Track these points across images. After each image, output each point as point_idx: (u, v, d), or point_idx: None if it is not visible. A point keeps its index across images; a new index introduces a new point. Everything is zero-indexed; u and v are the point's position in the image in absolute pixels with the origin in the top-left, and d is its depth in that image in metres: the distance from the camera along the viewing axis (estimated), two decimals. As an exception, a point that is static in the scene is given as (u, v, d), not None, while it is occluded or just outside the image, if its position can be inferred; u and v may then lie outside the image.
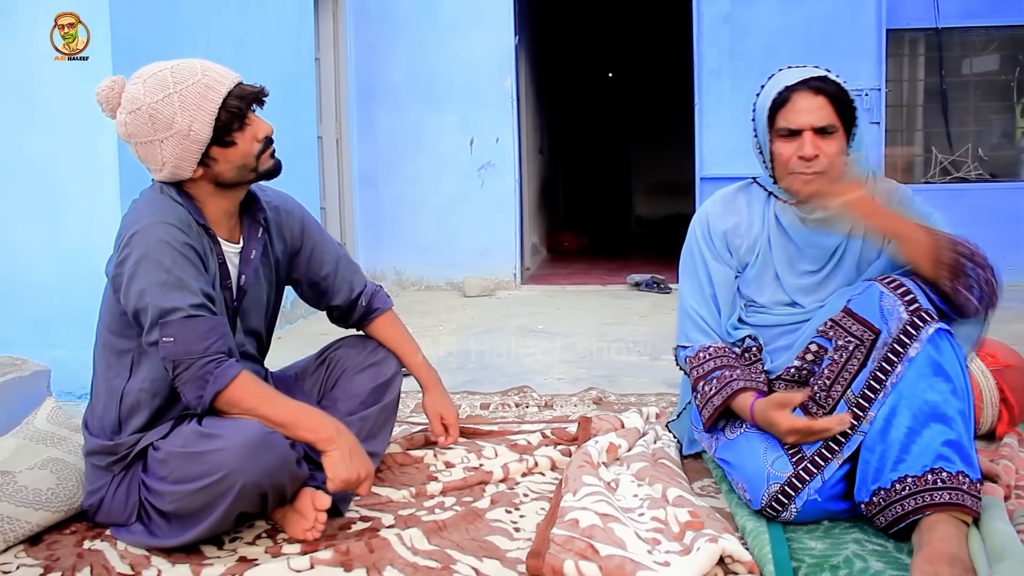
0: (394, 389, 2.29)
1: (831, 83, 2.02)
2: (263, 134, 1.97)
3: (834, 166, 1.99)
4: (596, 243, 10.02)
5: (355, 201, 6.43)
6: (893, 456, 1.81)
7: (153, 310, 1.81)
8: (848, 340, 1.94)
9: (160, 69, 1.91)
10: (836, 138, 2.01)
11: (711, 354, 2.16)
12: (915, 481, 1.78)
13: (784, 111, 2.02)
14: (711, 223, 2.23)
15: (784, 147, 2.04)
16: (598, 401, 3.11)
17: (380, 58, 6.41)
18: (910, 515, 1.77)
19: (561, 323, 4.97)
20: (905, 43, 6.29)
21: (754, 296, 2.18)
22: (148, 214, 1.89)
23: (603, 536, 1.80)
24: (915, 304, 1.86)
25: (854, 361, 1.92)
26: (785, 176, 2.07)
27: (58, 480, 2.02)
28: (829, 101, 2.00)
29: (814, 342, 2.03)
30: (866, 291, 1.95)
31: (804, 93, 2.01)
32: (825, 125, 1.99)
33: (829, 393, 1.95)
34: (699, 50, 6.12)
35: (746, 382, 2.08)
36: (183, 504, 1.80)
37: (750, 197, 2.21)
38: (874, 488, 1.83)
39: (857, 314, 1.94)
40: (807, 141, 1.99)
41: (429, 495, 2.19)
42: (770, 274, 2.16)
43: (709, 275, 2.22)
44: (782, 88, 2.03)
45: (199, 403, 1.82)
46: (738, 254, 2.20)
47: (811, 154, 1.99)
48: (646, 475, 2.17)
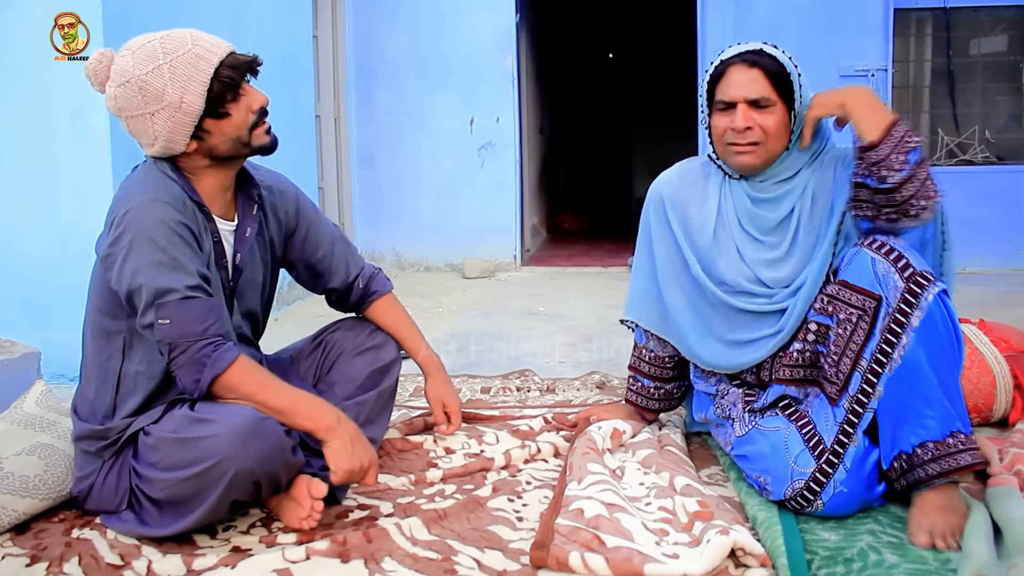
0: (393, 374, 2.22)
1: (767, 56, 2.01)
2: (258, 105, 1.90)
3: (771, 138, 2.00)
4: (596, 224, 9.94)
5: (353, 181, 6.36)
6: (912, 422, 1.80)
7: (148, 291, 1.74)
8: (850, 312, 1.89)
9: (149, 40, 1.83)
10: (773, 112, 2.00)
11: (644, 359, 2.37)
12: (936, 446, 1.79)
13: (721, 84, 2.04)
14: (664, 193, 2.24)
15: (720, 119, 2.06)
16: (601, 385, 3.04)
17: (379, 35, 6.32)
18: (934, 479, 1.79)
19: (562, 305, 4.90)
20: (912, 23, 6.19)
21: (721, 275, 2.13)
22: (141, 191, 1.82)
23: (609, 527, 1.74)
24: (909, 268, 1.81)
25: (860, 332, 1.87)
26: (722, 148, 2.08)
27: (46, 466, 1.95)
28: (764, 74, 2.00)
29: (812, 321, 1.98)
30: (855, 258, 1.90)
31: (738, 66, 2.02)
32: (757, 98, 1.99)
33: (838, 368, 1.90)
34: (703, 28, 6.04)
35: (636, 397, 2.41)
36: (174, 491, 1.73)
37: (707, 171, 2.20)
38: (895, 453, 1.83)
39: (853, 284, 1.89)
40: (739, 113, 2.00)
41: (429, 482, 2.13)
42: (732, 249, 2.12)
43: (652, 250, 2.26)
44: (719, 62, 2.06)
45: (196, 387, 1.75)
46: (690, 229, 2.17)
47: (741, 126, 2.00)
48: (652, 462, 2.11)
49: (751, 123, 2.00)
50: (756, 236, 2.10)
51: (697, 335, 2.17)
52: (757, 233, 2.10)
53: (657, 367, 2.34)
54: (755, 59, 2.00)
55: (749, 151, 2.03)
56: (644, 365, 2.37)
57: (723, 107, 2.04)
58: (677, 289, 2.20)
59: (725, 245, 2.12)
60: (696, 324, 2.17)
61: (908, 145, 1.83)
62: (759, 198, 2.09)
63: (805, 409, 1.99)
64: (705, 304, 2.15)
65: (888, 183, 1.84)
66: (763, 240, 2.09)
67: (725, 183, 2.15)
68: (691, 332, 2.18)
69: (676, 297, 2.20)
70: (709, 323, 2.15)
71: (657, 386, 2.36)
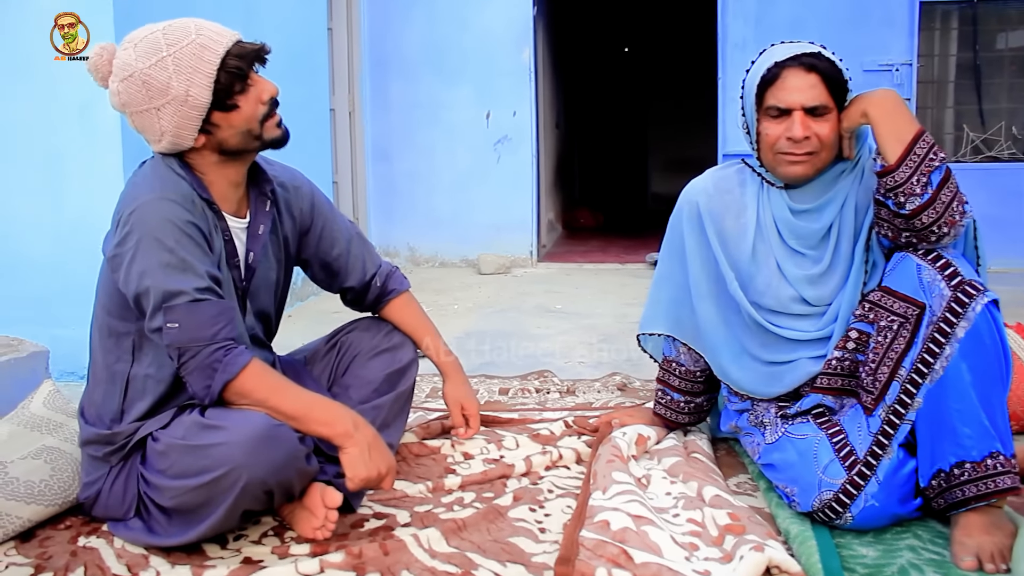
0: (410, 376, 2.15)
1: (825, 60, 1.88)
2: (267, 95, 1.82)
3: (825, 148, 1.88)
4: (612, 220, 9.84)
5: (368, 175, 6.29)
6: (950, 439, 1.70)
7: (156, 294, 1.67)
8: (891, 320, 1.79)
9: (152, 31, 1.76)
10: (828, 119, 1.88)
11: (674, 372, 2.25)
12: (974, 467, 1.68)
13: (773, 89, 1.89)
14: (699, 203, 2.09)
15: (772, 127, 1.91)
16: (622, 387, 2.96)
17: (394, 28, 6.24)
18: (971, 501, 1.68)
19: (580, 303, 4.82)
20: (937, 16, 6.06)
21: (760, 293, 2.00)
22: (148, 190, 1.74)
23: (637, 540, 1.67)
24: (957, 277, 1.71)
25: (900, 340, 1.77)
26: (771, 157, 1.94)
27: (52, 471, 1.89)
28: (822, 79, 1.86)
29: (853, 328, 1.89)
30: (900, 264, 1.80)
31: (795, 70, 1.87)
32: (817, 105, 1.86)
33: (875, 377, 1.80)
34: (723, 22, 5.92)
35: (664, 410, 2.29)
36: (183, 500, 1.67)
37: (743, 178, 2.07)
38: (934, 471, 1.72)
39: (896, 291, 1.79)
40: (797, 121, 1.86)
41: (447, 490, 2.06)
42: (771, 266, 2.00)
43: (684, 260, 2.12)
44: (772, 64, 1.89)
45: (207, 393, 1.68)
46: (727, 242, 2.05)
47: (800, 135, 1.86)
48: (679, 471, 2.03)
49: (809, 132, 1.87)
50: (798, 249, 1.98)
51: (732, 354, 2.07)
52: (799, 246, 1.98)
53: (688, 381, 2.24)
54: (813, 63, 1.86)
55: (804, 161, 1.90)
56: (674, 379, 2.25)
57: (776, 113, 1.89)
58: (712, 304, 2.09)
59: (764, 259, 2.01)
60: (731, 342, 2.07)
61: (930, 165, 1.73)
62: (800, 209, 1.97)
63: (838, 418, 1.90)
64: (740, 323, 2.05)
65: (906, 209, 1.74)
66: (805, 253, 1.98)
67: (763, 192, 2.03)
68: (725, 351, 2.08)
69: (710, 312, 2.09)
70: (744, 342, 2.05)
71: (688, 400, 2.26)
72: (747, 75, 1.97)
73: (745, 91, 1.97)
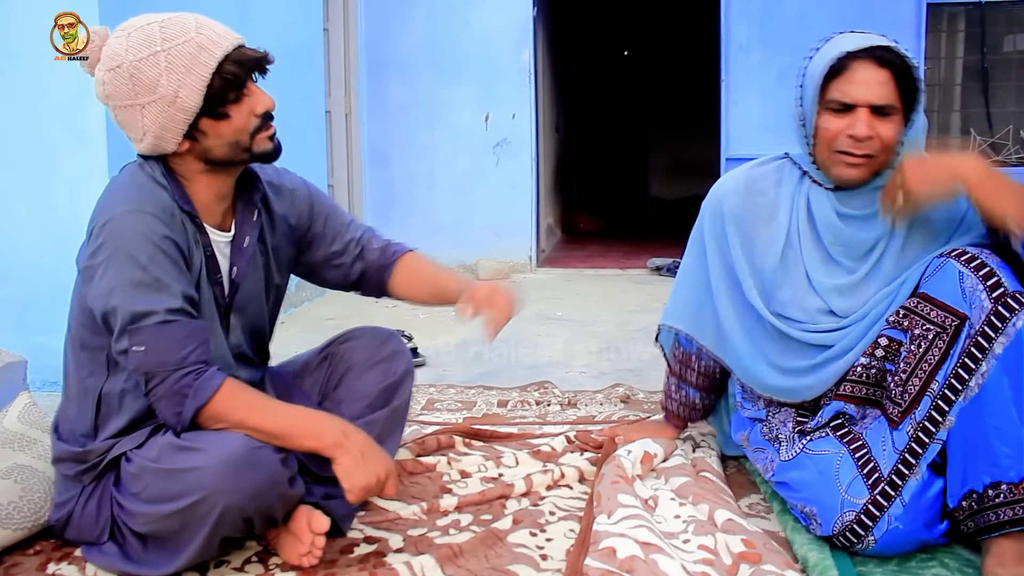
0: (405, 389, 2.03)
1: (898, 56, 1.74)
2: (262, 108, 1.69)
3: (884, 151, 1.75)
4: (612, 225, 9.74)
5: (364, 178, 6.18)
6: (985, 458, 1.58)
7: (123, 314, 1.55)
8: (927, 328, 1.67)
9: (149, 22, 1.64)
10: (893, 121, 1.74)
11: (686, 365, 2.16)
12: (1011, 488, 1.57)
13: (839, 81, 1.75)
14: (725, 204, 1.97)
15: (833, 122, 1.77)
16: (626, 399, 2.85)
17: (392, 28, 6.13)
18: (1006, 525, 1.56)
19: (581, 310, 4.71)
20: (944, 18, 5.97)
21: (784, 304, 1.89)
22: (123, 200, 1.62)
23: (645, 570, 1.56)
24: (1000, 288, 1.58)
25: (935, 351, 1.65)
26: (827, 155, 1.80)
27: (22, 492, 1.78)
28: (893, 77, 1.72)
29: (884, 335, 1.76)
30: (941, 270, 1.68)
31: (866, 63, 1.73)
32: (884, 104, 1.73)
33: (905, 388, 1.68)
34: (727, 23, 5.83)
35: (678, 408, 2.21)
36: (157, 527, 1.55)
37: (780, 177, 1.94)
38: (965, 491, 1.61)
39: (935, 298, 1.67)
40: (861, 119, 1.73)
41: (442, 511, 1.94)
42: (799, 274, 1.88)
43: (707, 260, 2.01)
44: (842, 54, 1.75)
45: (178, 420, 1.57)
46: (753, 251, 1.93)
47: (864, 134, 1.73)
48: (689, 492, 1.92)
49: (872, 132, 1.74)
50: (834, 256, 1.86)
51: (751, 360, 1.96)
52: (840, 254, 1.85)
53: (707, 377, 2.14)
54: (886, 57, 1.73)
55: (861, 163, 1.77)
56: (692, 375, 2.15)
57: (839, 108, 1.76)
58: (729, 306, 1.98)
59: (793, 269, 1.89)
60: (750, 348, 1.96)
61: None
62: (849, 214, 1.84)
63: (859, 431, 1.78)
64: (759, 329, 1.94)
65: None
66: (840, 262, 1.85)
67: (801, 190, 1.90)
68: (745, 356, 1.97)
69: (728, 315, 1.99)
70: (762, 348, 1.93)
71: (703, 396, 2.17)
72: (808, 63, 1.83)
73: (805, 80, 1.82)
